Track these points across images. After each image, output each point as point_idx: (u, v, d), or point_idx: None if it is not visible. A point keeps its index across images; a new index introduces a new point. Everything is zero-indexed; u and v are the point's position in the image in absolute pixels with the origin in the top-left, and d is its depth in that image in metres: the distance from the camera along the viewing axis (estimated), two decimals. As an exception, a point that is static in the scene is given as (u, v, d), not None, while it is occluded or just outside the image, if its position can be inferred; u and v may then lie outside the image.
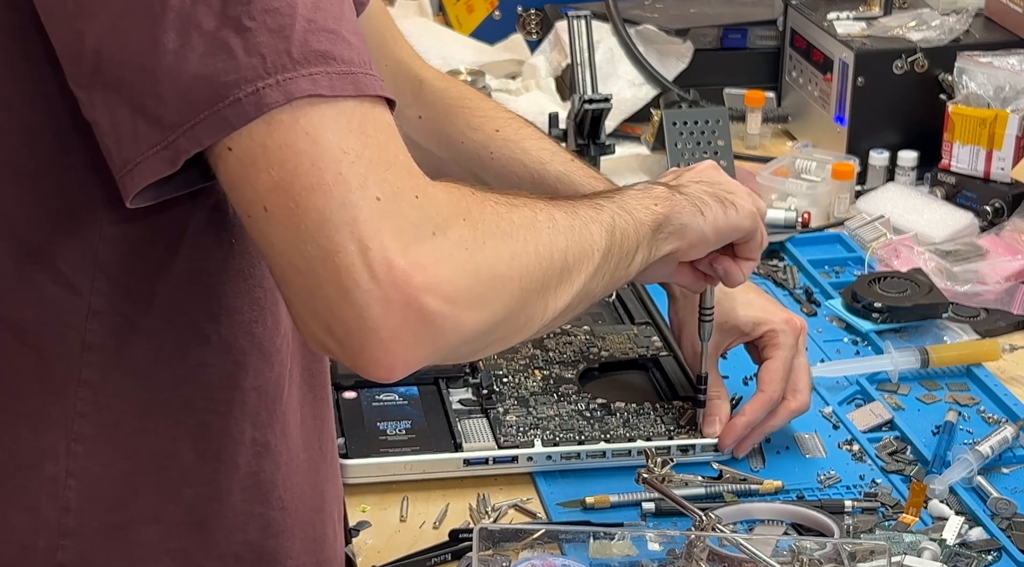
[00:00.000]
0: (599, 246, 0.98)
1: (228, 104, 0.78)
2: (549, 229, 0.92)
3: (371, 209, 0.79)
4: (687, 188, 1.14)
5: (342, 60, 0.81)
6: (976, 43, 1.93)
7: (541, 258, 0.90)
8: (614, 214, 1.02)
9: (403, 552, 1.19)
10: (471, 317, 0.83)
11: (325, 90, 0.80)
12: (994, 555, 1.19)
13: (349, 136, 0.80)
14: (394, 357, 0.81)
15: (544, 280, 0.91)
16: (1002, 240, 1.72)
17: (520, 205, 0.91)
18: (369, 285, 0.79)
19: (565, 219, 0.95)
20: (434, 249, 0.81)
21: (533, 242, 0.90)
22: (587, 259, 0.96)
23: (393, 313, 0.80)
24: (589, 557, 1.14)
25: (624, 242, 1.03)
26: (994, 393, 1.44)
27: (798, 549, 1.13)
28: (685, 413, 1.34)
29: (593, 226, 0.98)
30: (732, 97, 2.10)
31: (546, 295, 0.92)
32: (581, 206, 0.99)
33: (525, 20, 2.33)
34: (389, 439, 1.30)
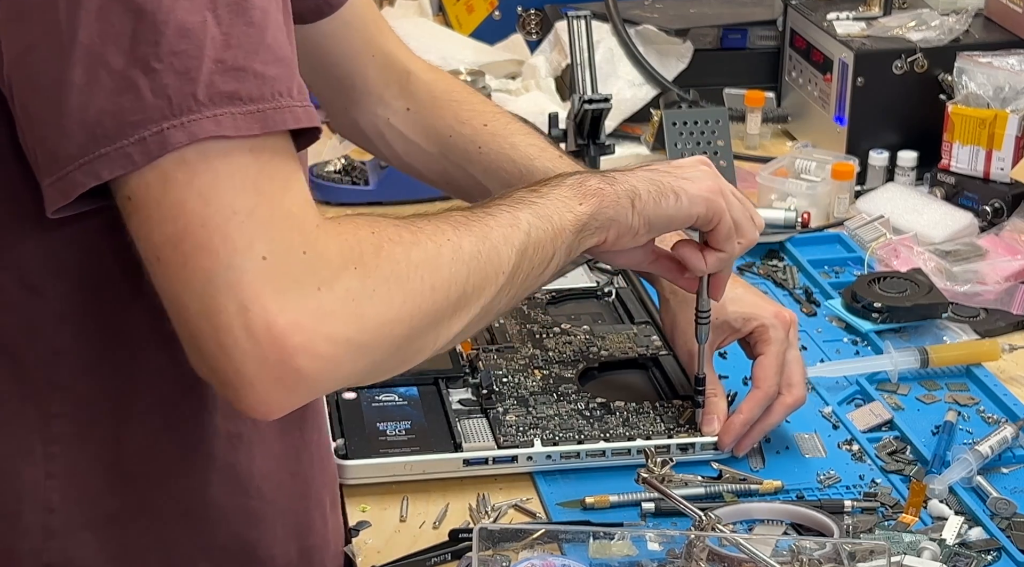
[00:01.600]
0: (505, 268, 0.99)
1: (132, 142, 0.80)
2: (451, 262, 0.93)
3: (255, 270, 0.82)
4: (625, 179, 1.13)
5: (250, 99, 0.82)
6: (976, 43, 1.93)
7: (436, 294, 0.91)
8: (531, 227, 1.02)
9: (403, 552, 1.19)
10: (351, 367, 0.86)
11: (229, 131, 0.81)
12: (994, 555, 1.19)
13: (242, 195, 0.82)
14: (269, 406, 0.85)
15: (438, 314, 0.92)
16: (1002, 240, 1.72)
17: (424, 240, 0.92)
18: (246, 345, 0.82)
19: (473, 246, 0.96)
20: (318, 306, 0.84)
21: (430, 279, 0.91)
22: (489, 283, 0.97)
23: (268, 370, 0.83)
24: (589, 557, 1.14)
25: (536, 255, 1.03)
26: (994, 393, 1.44)
27: (798, 549, 1.13)
28: (684, 412, 1.34)
29: (503, 248, 0.99)
30: (732, 97, 2.10)
31: (439, 327, 0.93)
32: (497, 224, 1.00)
33: (525, 20, 2.33)
34: (389, 439, 1.30)
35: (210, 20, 0.82)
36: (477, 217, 0.99)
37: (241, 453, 1.00)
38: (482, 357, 1.42)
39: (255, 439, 1.01)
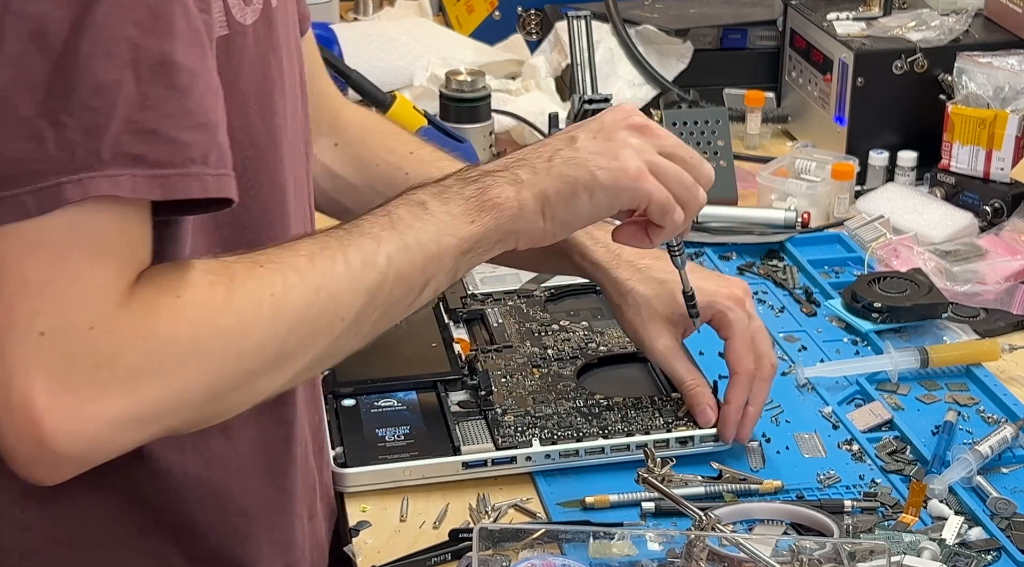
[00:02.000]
0: (345, 314, 0.95)
1: (28, 191, 0.80)
2: (269, 321, 0.90)
3: (28, 345, 0.81)
4: (537, 180, 1.04)
5: (156, 162, 0.82)
6: (976, 43, 1.93)
7: (244, 358, 0.89)
8: (392, 261, 0.97)
9: (403, 552, 1.19)
10: (123, 441, 0.85)
11: (125, 192, 0.81)
12: (993, 555, 1.19)
13: (42, 267, 0.81)
14: (35, 476, 0.84)
15: (247, 375, 0.90)
16: (1002, 240, 1.72)
17: (239, 301, 0.88)
18: (5, 419, 0.81)
19: (302, 297, 0.91)
20: (88, 386, 0.82)
21: (237, 345, 0.88)
22: (321, 333, 0.94)
23: (25, 447, 0.82)
24: (589, 557, 1.14)
25: (398, 287, 0.98)
26: (993, 393, 1.44)
27: (798, 549, 1.13)
28: (683, 405, 1.34)
29: (344, 296, 0.94)
30: (732, 97, 2.10)
31: (252, 384, 0.91)
32: (347, 266, 0.95)
33: (525, 20, 2.33)
34: (388, 445, 1.30)
35: (129, 79, 0.81)
36: (325, 256, 0.94)
37: (215, 469, 1.00)
38: (481, 357, 1.42)
39: (229, 454, 1.01)
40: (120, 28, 0.80)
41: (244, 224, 1.00)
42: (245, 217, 1.00)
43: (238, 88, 0.96)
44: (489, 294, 1.56)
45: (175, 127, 0.82)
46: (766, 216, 1.81)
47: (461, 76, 1.95)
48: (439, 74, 2.02)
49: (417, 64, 2.12)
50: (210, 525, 1.01)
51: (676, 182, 1.08)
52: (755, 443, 1.35)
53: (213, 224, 0.98)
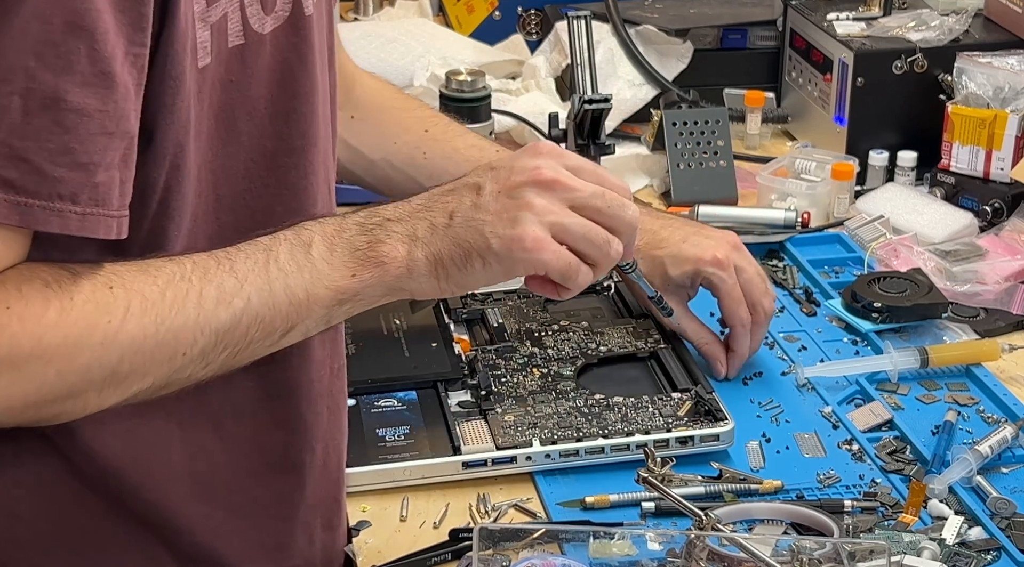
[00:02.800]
0: (187, 350, 0.92)
1: None
2: (99, 347, 0.89)
3: None
4: (434, 237, 0.98)
5: (23, 190, 0.82)
6: (975, 43, 1.93)
7: (65, 378, 0.88)
8: (250, 304, 0.94)
9: (403, 552, 1.19)
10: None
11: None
12: (993, 555, 1.19)
13: None
14: None
15: (71, 391, 0.89)
16: (1001, 240, 1.72)
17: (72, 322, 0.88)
18: None
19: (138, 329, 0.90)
20: None
21: (57, 366, 0.87)
22: (159, 365, 0.92)
23: None
24: (589, 557, 1.14)
25: (254, 330, 0.95)
26: (993, 393, 1.44)
27: (798, 549, 1.13)
28: (683, 405, 1.35)
29: (186, 333, 0.92)
30: (732, 97, 2.10)
31: (79, 398, 0.90)
32: (200, 302, 0.92)
33: (525, 20, 2.33)
34: (388, 445, 1.30)
35: (16, 105, 0.82)
36: (178, 290, 0.92)
37: (200, 462, 1.00)
38: (481, 357, 1.42)
39: (215, 448, 1.01)
40: (20, 57, 0.81)
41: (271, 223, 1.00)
42: (269, 217, 1.01)
43: (249, 94, 0.96)
44: (489, 294, 1.56)
45: (49, 161, 0.83)
46: (766, 216, 1.81)
47: (461, 76, 1.95)
48: (439, 74, 2.02)
49: (417, 64, 2.12)
50: (195, 520, 1.01)
51: (583, 241, 1.00)
52: (755, 443, 1.35)
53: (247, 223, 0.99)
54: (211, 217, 0.97)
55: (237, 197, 0.99)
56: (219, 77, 0.94)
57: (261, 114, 0.98)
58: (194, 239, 0.96)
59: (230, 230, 0.99)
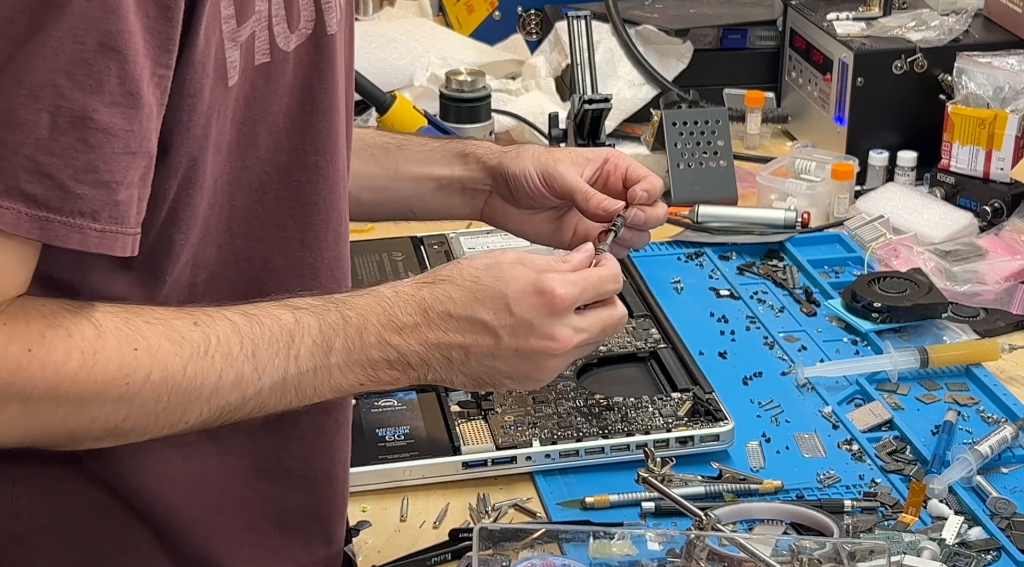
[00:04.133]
0: (190, 420, 0.94)
1: None
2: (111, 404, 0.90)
3: None
4: (450, 373, 1.05)
5: (45, 205, 0.83)
6: (975, 43, 1.93)
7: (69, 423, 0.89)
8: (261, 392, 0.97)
9: (403, 552, 1.19)
10: None
11: (6, 226, 0.83)
12: (993, 555, 1.19)
13: None
14: None
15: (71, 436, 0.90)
16: (1001, 240, 1.72)
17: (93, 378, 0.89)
18: None
19: (153, 395, 0.91)
20: None
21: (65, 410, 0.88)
22: (159, 428, 0.93)
23: None
24: (589, 557, 1.14)
25: (254, 412, 0.97)
26: (993, 393, 1.44)
27: (798, 549, 1.13)
28: (683, 405, 1.35)
29: (195, 406, 0.93)
30: (732, 97, 2.10)
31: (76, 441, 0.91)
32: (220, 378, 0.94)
33: (525, 20, 2.33)
34: (388, 445, 1.30)
35: (44, 122, 0.82)
36: (204, 365, 0.93)
37: (193, 463, 1.01)
38: None
39: (214, 452, 1.01)
40: (52, 75, 0.82)
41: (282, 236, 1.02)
42: (280, 230, 1.02)
43: (271, 109, 0.98)
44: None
45: (72, 178, 0.84)
46: (766, 216, 1.81)
47: (461, 76, 1.95)
48: (439, 74, 2.02)
49: (417, 64, 2.12)
50: (191, 520, 1.01)
51: (596, 345, 1.11)
52: (755, 443, 1.35)
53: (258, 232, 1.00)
54: (224, 227, 0.99)
55: (250, 209, 1.00)
56: (244, 93, 0.95)
57: (279, 128, 0.99)
58: (204, 248, 0.97)
59: (241, 239, 1.00)
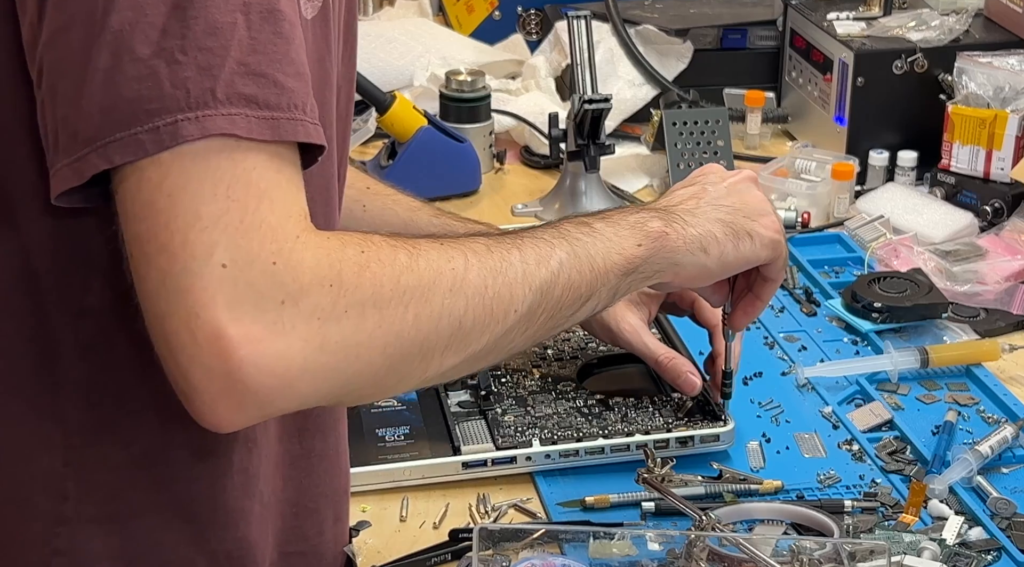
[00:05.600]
0: (518, 307, 0.95)
1: (146, 130, 0.80)
2: (448, 293, 0.90)
3: (211, 277, 0.80)
4: (697, 222, 1.10)
5: (266, 105, 0.83)
6: (976, 43, 1.93)
7: (420, 324, 0.88)
8: (563, 267, 0.99)
9: (403, 552, 1.19)
10: (308, 388, 0.84)
11: (241, 131, 0.81)
12: (994, 555, 1.19)
13: (211, 201, 0.81)
14: (218, 418, 0.83)
15: (423, 346, 0.89)
16: (1002, 240, 1.72)
17: (421, 267, 0.89)
18: (192, 351, 0.81)
19: (480, 280, 0.92)
20: (276, 319, 0.82)
21: (415, 310, 0.88)
22: (495, 321, 0.94)
23: (213, 381, 0.81)
24: (589, 557, 1.14)
25: (566, 295, 0.99)
26: (994, 393, 1.44)
27: (798, 549, 1.13)
28: (683, 405, 1.34)
29: (519, 286, 0.95)
30: (732, 97, 2.10)
31: (426, 359, 0.90)
32: (522, 258, 0.96)
33: (525, 20, 2.33)
34: (388, 445, 1.30)
35: (240, 22, 0.82)
36: (502, 248, 0.96)
37: (255, 456, 1.00)
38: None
39: (263, 441, 1.01)
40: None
41: None
42: None
43: None
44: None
45: (281, 72, 0.83)
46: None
47: (461, 76, 1.95)
48: (439, 74, 2.02)
49: (417, 64, 2.12)
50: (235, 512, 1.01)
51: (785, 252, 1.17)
52: (755, 443, 1.35)
53: None
54: None
55: None
56: None
57: None
58: None
59: None
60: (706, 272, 1.11)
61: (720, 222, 1.11)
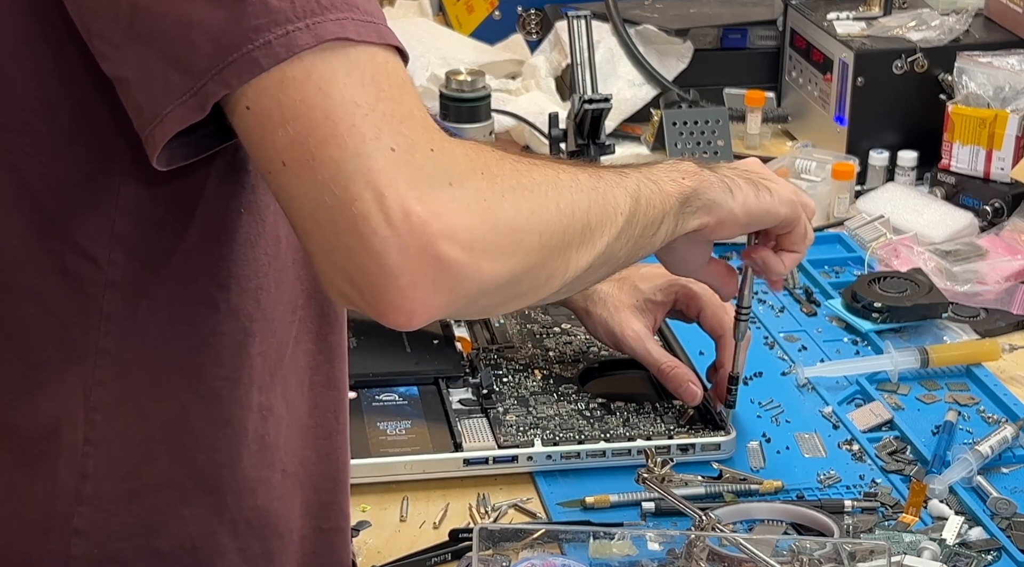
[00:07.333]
0: (623, 210, 0.98)
1: (258, 46, 0.80)
2: (571, 188, 0.92)
3: (386, 159, 0.80)
4: (718, 169, 1.13)
5: (364, 10, 0.83)
6: (976, 43, 1.93)
7: (562, 215, 0.90)
8: (639, 182, 1.02)
9: (403, 552, 1.20)
10: (490, 266, 0.84)
11: (352, 34, 0.81)
12: (994, 555, 1.19)
13: (363, 89, 0.81)
14: (413, 303, 0.82)
15: (565, 237, 0.91)
16: (1002, 240, 1.72)
17: (542, 165, 0.92)
18: (386, 232, 0.80)
19: (588, 181, 0.95)
20: (451, 199, 0.82)
21: (554, 199, 0.90)
22: (610, 221, 0.96)
23: (411, 259, 0.81)
24: (589, 557, 1.14)
25: (649, 209, 1.02)
26: (994, 393, 1.44)
27: (798, 549, 1.14)
28: (685, 412, 1.34)
29: (617, 190, 0.98)
30: (732, 97, 2.10)
31: (567, 252, 0.92)
32: (605, 171, 1.00)
33: (525, 20, 2.33)
34: (389, 439, 1.30)
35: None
36: (586, 168, 0.98)
37: (271, 426, 1.00)
38: (482, 357, 1.42)
39: (282, 411, 1.01)
40: None
41: None
42: None
43: None
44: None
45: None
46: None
47: (461, 76, 1.95)
48: (439, 74, 2.02)
49: (417, 64, 2.12)
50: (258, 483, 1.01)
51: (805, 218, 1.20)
52: (755, 443, 1.35)
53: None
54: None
55: None
56: None
57: None
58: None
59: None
60: (733, 218, 1.12)
61: (739, 175, 1.14)
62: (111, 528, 0.96)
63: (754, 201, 1.13)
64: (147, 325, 0.93)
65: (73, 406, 0.94)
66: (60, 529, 0.95)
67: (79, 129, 0.88)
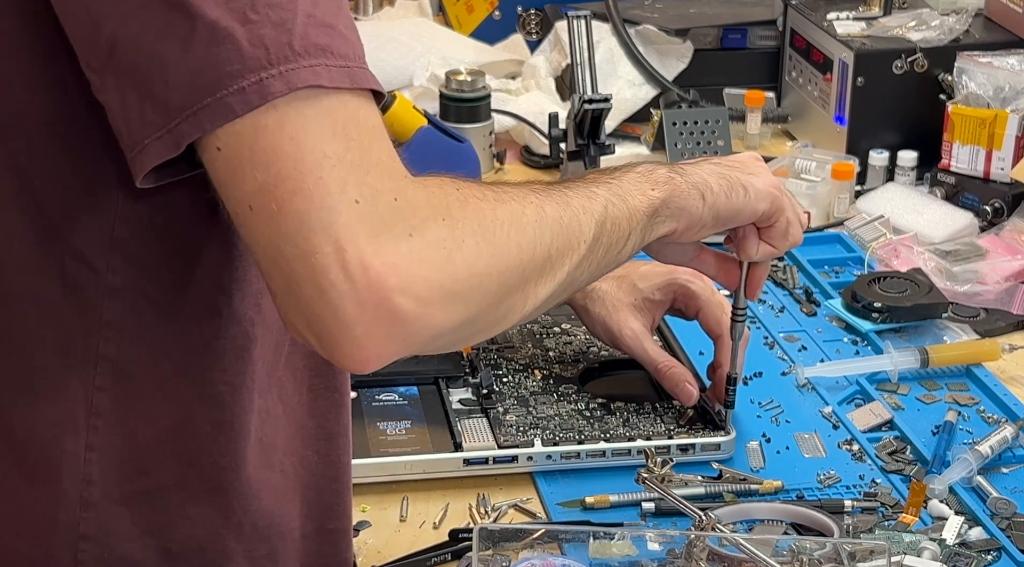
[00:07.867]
0: (586, 237, 0.99)
1: (232, 92, 0.81)
2: (535, 224, 0.94)
3: (349, 212, 0.82)
4: (694, 171, 1.13)
5: (338, 54, 0.84)
6: (976, 43, 1.93)
7: (523, 253, 0.92)
8: (607, 203, 1.03)
9: (403, 552, 1.20)
10: (445, 315, 0.86)
11: (325, 82, 0.82)
12: (994, 555, 1.19)
13: (333, 140, 0.83)
14: (367, 352, 0.84)
15: (524, 274, 0.93)
16: (1002, 240, 1.72)
17: (507, 200, 0.93)
18: (344, 286, 0.82)
19: (555, 211, 0.97)
20: (409, 250, 0.84)
21: (516, 238, 0.92)
22: (573, 251, 0.98)
23: (366, 312, 0.83)
24: (589, 557, 1.14)
25: (615, 231, 1.04)
26: (994, 393, 1.44)
27: (798, 549, 1.14)
28: (685, 413, 1.34)
29: (584, 216, 1.00)
30: (732, 97, 2.10)
31: (526, 288, 0.94)
32: (575, 195, 1.00)
33: (525, 20, 2.33)
34: (389, 439, 1.30)
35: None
36: (555, 188, 1.00)
37: (269, 427, 1.01)
38: (482, 357, 1.42)
39: (279, 412, 1.02)
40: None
41: None
42: None
43: None
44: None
45: (342, 24, 0.85)
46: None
47: (461, 76, 1.95)
48: (439, 74, 2.02)
49: (417, 64, 2.12)
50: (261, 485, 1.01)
51: (792, 212, 1.20)
52: (755, 443, 1.35)
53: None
54: None
55: None
56: None
57: None
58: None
59: None
60: (701, 222, 1.12)
61: (716, 174, 1.13)
62: (120, 530, 0.96)
63: (724, 203, 1.13)
64: (148, 331, 0.94)
65: (75, 412, 0.94)
66: (66, 534, 0.95)
67: (79, 139, 0.89)
